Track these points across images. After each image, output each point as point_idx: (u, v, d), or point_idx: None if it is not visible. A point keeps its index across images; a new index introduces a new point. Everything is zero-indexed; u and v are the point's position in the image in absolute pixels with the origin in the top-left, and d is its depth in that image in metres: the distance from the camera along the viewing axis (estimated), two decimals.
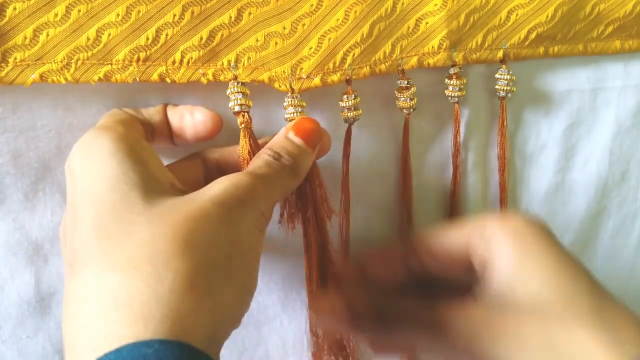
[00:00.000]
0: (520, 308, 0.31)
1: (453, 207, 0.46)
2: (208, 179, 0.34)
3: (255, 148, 0.35)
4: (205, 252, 0.26)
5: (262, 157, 0.33)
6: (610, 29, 0.47)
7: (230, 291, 0.26)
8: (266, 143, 0.37)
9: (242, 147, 0.35)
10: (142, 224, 0.26)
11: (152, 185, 0.28)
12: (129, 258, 0.25)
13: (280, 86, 0.37)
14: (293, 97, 0.37)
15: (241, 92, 0.35)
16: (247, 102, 0.35)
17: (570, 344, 0.30)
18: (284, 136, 0.34)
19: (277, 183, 0.32)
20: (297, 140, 0.34)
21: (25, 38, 0.33)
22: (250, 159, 0.34)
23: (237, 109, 0.35)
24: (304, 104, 0.37)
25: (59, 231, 0.36)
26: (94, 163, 0.29)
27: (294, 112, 0.37)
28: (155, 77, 0.35)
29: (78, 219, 0.27)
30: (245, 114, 0.35)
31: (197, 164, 0.36)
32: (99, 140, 0.29)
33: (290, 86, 0.37)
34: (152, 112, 0.36)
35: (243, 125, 0.35)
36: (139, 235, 0.25)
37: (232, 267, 0.27)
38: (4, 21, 0.32)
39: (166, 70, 0.35)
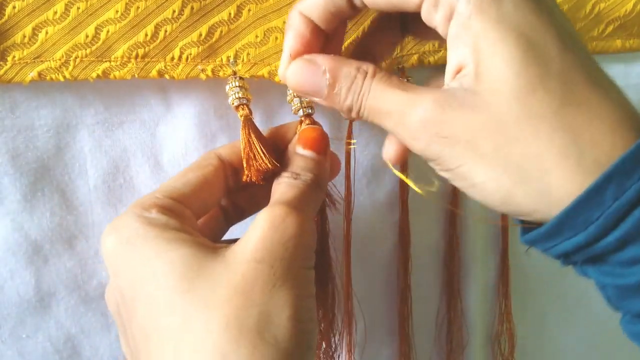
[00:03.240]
0: (477, 104, 0.26)
1: (453, 203, 0.46)
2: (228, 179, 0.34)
3: (254, 137, 0.34)
4: (257, 330, 0.26)
5: (283, 182, 0.32)
6: (610, 28, 0.47)
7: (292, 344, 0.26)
8: (271, 134, 0.36)
9: (243, 139, 0.34)
10: (195, 313, 0.26)
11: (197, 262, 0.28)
12: (194, 351, 0.26)
13: (281, 80, 0.37)
14: None
15: (240, 86, 0.35)
16: (246, 95, 0.35)
17: (525, 157, 0.25)
18: (294, 153, 0.34)
19: (308, 203, 0.31)
20: (308, 153, 0.34)
21: (24, 36, 0.33)
22: (250, 148, 0.34)
23: (236, 103, 0.35)
24: None
25: (58, 232, 0.36)
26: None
27: (302, 102, 0.36)
28: (154, 73, 0.35)
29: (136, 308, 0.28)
30: (245, 106, 0.35)
31: (217, 169, 0.34)
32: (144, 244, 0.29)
33: None
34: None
35: (243, 117, 0.34)
36: (195, 326, 0.26)
37: (288, 322, 0.26)
38: (3, 20, 0.32)
39: (165, 66, 0.35)
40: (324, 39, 0.32)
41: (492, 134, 0.25)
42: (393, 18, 0.34)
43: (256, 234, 0.28)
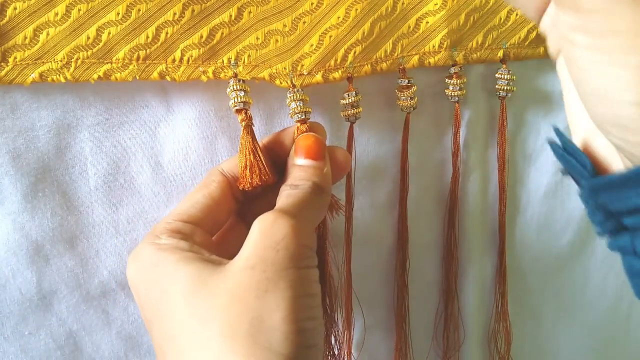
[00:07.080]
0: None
1: (452, 206, 0.46)
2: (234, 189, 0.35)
3: (256, 146, 0.35)
4: (251, 334, 0.26)
5: (283, 193, 0.33)
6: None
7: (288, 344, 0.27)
8: (268, 142, 0.37)
9: (243, 145, 0.35)
10: (197, 325, 0.28)
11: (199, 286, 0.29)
12: None
13: (281, 82, 0.37)
14: (295, 92, 0.36)
15: (242, 89, 0.35)
16: (248, 100, 0.35)
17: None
18: (292, 165, 0.35)
19: (304, 207, 0.32)
20: (304, 161, 0.34)
21: (26, 38, 0.33)
22: (253, 157, 0.34)
23: (238, 106, 0.35)
24: (307, 98, 0.37)
25: (59, 233, 0.36)
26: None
27: (296, 107, 0.36)
28: (155, 75, 0.35)
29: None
30: (247, 111, 0.35)
31: (223, 183, 0.35)
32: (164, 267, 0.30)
33: (292, 82, 0.37)
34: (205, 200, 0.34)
35: (244, 123, 0.35)
36: (197, 338, 0.27)
37: (282, 324, 0.27)
38: (4, 21, 0.32)
39: (166, 68, 0.35)
40: None
41: None
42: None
43: (248, 242, 0.29)
